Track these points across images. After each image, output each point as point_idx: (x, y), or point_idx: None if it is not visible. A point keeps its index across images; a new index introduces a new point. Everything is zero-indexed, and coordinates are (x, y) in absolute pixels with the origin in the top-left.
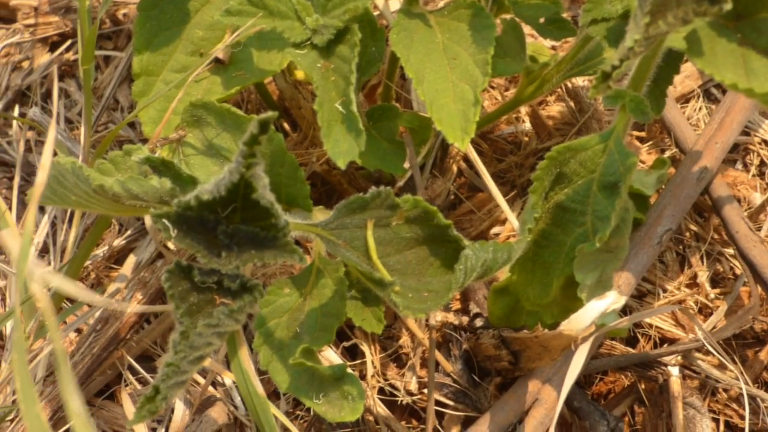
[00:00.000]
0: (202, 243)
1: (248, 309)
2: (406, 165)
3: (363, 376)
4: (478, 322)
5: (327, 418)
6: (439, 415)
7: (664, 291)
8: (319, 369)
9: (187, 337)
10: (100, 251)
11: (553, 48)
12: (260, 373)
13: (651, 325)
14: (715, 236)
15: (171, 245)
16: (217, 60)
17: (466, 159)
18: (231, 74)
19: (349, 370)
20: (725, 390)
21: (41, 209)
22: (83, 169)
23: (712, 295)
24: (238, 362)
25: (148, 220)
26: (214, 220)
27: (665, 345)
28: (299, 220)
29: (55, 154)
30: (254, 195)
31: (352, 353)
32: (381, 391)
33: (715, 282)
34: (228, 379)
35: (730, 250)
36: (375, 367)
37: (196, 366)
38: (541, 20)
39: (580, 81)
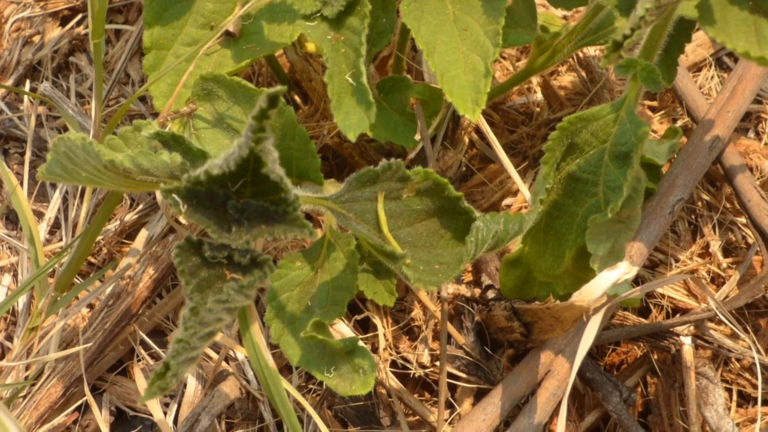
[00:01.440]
0: (212, 218)
1: (258, 284)
2: (417, 137)
3: (375, 349)
4: (490, 294)
5: (338, 391)
6: (452, 388)
7: (677, 261)
8: (330, 342)
9: (197, 313)
10: (112, 226)
11: (564, 17)
12: (272, 347)
13: (663, 295)
14: (728, 205)
15: (183, 219)
16: (227, 33)
17: (478, 130)
18: (242, 47)
19: (360, 343)
20: (738, 359)
21: (53, 184)
22: (93, 144)
23: (724, 265)
24: (250, 336)
25: (159, 195)
26: (224, 194)
27: (677, 315)
28: (310, 193)
29: (66, 129)
30: (264, 169)
31: (364, 326)
32: (393, 363)
33: (727, 251)
34: (240, 353)
35: (743, 219)
36: (387, 340)
37: (206, 342)
38: None
39: (592, 51)
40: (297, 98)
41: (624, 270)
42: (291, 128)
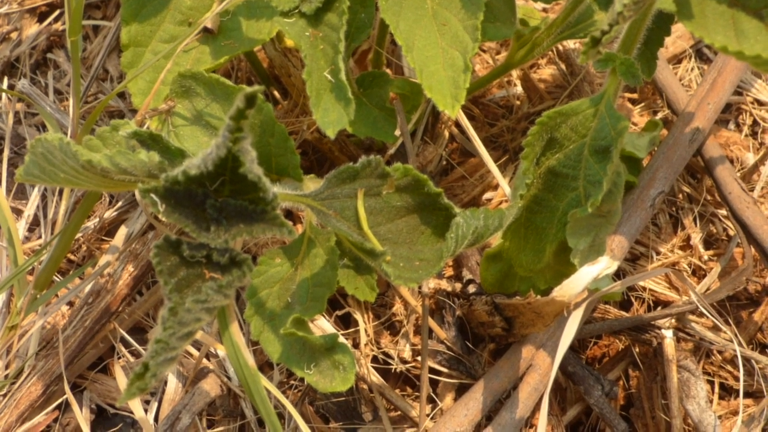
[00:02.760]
0: (190, 217)
1: (237, 284)
2: (397, 132)
3: (356, 345)
4: (471, 289)
5: (318, 388)
6: (434, 383)
7: (658, 253)
8: (310, 339)
9: (176, 314)
10: (91, 223)
11: (544, 11)
12: (253, 343)
13: (645, 288)
14: (708, 197)
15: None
16: (205, 29)
17: (458, 124)
18: (220, 43)
19: (341, 339)
20: (719, 352)
21: None
22: (71, 145)
23: (705, 257)
24: (229, 335)
25: (138, 193)
26: (203, 193)
27: (659, 308)
28: (290, 190)
29: (44, 126)
30: (241, 169)
31: (346, 322)
32: (375, 359)
33: (708, 243)
34: (221, 351)
35: (723, 211)
36: (368, 336)
37: (185, 342)
38: None
39: (572, 44)
40: (276, 93)
41: (605, 264)
42: (270, 125)
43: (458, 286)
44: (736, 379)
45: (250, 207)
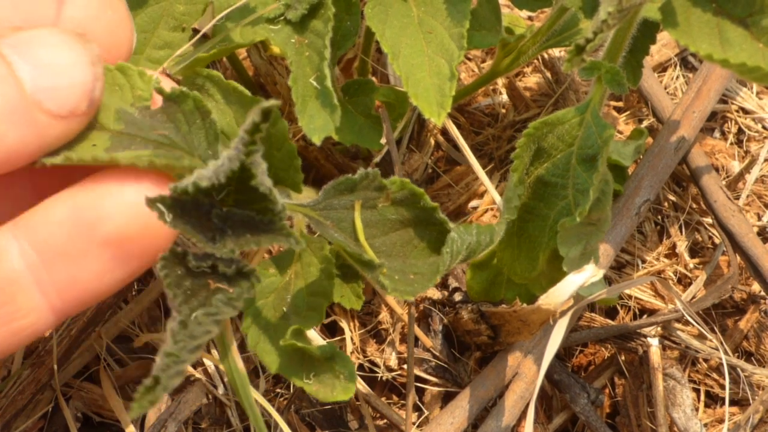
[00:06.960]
0: (196, 227)
1: (246, 295)
2: (383, 140)
3: None
4: (457, 297)
5: (319, 397)
6: (420, 391)
7: (643, 262)
8: (309, 349)
9: (186, 327)
10: None
11: (530, 19)
12: (239, 352)
13: (630, 296)
14: (694, 206)
15: None
16: (202, 34)
17: (444, 132)
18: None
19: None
20: (705, 360)
21: None
22: None
23: (691, 265)
24: (222, 339)
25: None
26: (209, 203)
27: (645, 316)
28: (285, 199)
29: None
30: (253, 181)
31: (332, 330)
32: (361, 367)
33: (694, 252)
34: (207, 359)
35: (709, 220)
36: (354, 344)
37: (195, 354)
38: None
39: (557, 52)
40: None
41: (590, 273)
42: (280, 140)
43: (444, 294)
44: (722, 387)
45: (257, 217)
